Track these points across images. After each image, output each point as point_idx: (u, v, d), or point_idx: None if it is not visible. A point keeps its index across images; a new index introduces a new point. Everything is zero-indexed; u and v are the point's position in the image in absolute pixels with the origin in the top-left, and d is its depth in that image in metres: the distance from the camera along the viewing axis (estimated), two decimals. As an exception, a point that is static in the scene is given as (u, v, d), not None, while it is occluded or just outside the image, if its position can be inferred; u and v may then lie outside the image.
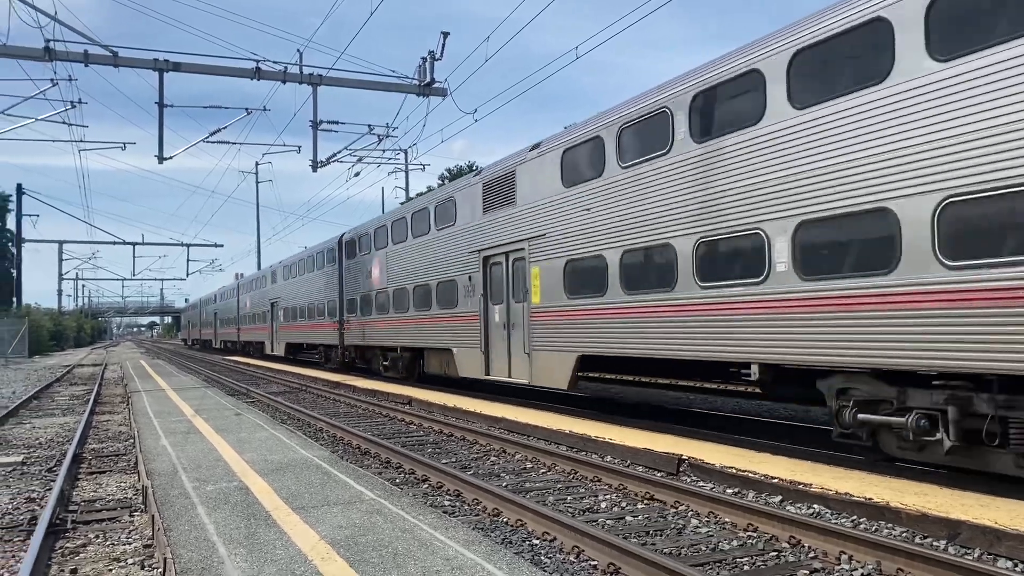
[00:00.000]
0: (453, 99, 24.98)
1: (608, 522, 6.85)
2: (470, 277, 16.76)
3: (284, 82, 24.02)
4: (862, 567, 5.50)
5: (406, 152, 43.72)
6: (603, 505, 7.51)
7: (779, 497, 7.38)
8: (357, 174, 47.55)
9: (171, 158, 23.78)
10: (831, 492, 7.02)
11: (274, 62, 23.47)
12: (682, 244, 10.38)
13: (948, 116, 7.13)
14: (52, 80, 22.47)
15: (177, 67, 21.97)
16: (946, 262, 7.10)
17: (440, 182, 46.89)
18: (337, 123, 28.03)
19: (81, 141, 30.15)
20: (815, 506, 7.00)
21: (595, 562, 5.69)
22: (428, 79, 25.00)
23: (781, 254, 8.87)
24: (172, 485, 7.61)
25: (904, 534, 6.14)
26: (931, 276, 7.23)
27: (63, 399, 20.49)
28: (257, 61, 23.13)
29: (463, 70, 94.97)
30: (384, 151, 33.66)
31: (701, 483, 8.16)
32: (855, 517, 6.61)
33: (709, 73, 10.04)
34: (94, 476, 9.37)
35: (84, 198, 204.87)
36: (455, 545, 5.25)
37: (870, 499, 6.65)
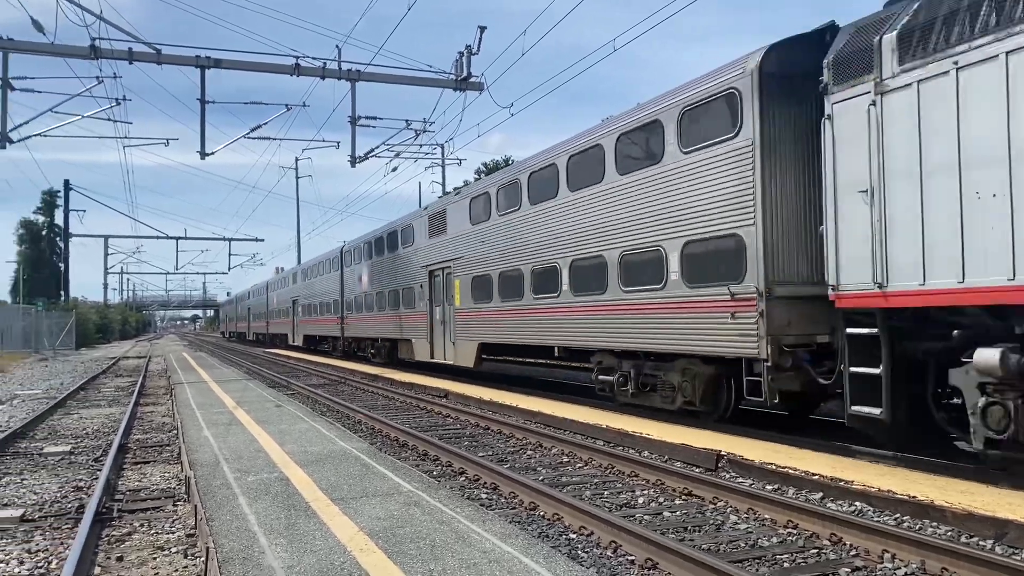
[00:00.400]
0: (490, 93, 24.97)
1: (646, 517, 6.82)
2: (421, 285, 22.24)
3: (323, 78, 24.21)
4: (905, 566, 5.41)
5: (443, 147, 43.83)
6: (640, 500, 7.48)
7: (820, 494, 7.29)
8: (395, 169, 47.84)
9: (213, 154, 24.11)
10: (873, 489, 6.91)
11: (313, 58, 23.65)
12: (525, 268, 15.80)
13: (686, 187, 11.05)
14: (98, 78, 22.89)
15: (218, 64, 22.26)
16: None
17: (476, 176, 46.92)
18: (375, 118, 28.17)
19: (126, 137, 30.74)
20: (857, 503, 6.90)
21: (632, 557, 5.67)
22: (465, 73, 25.02)
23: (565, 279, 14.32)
24: (214, 475, 7.73)
25: (949, 533, 6.02)
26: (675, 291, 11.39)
27: (109, 390, 20.94)
28: (296, 57, 23.34)
29: (500, 64, 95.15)
30: (421, 146, 33.72)
31: (740, 479, 8.08)
32: (898, 515, 6.50)
33: (571, 145, 14.31)
34: (139, 466, 9.56)
35: (129, 193, 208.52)
36: (492, 538, 5.26)
37: (914, 497, 6.53)
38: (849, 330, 8.31)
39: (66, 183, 64.82)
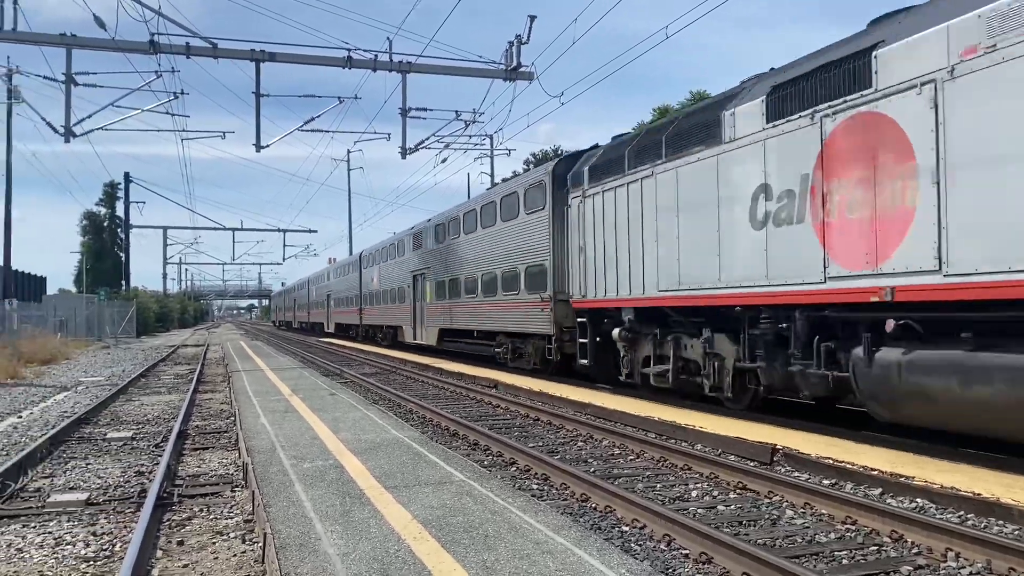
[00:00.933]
0: (540, 83, 24.81)
1: (699, 511, 6.75)
2: (408, 286, 29.50)
3: (374, 70, 24.36)
4: (970, 566, 5.26)
5: (491, 137, 43.90)
6: (694, 494, 7.40)
7: (879, 490, 7.13)
8: (444, 160, 47.99)
9: (268, 146, 24.47)
10: (936, 486, 6.73)
11: (365, 51, 23.84)
12: (460, 278, 23.32)
13: (526, 235, 18.47)
14: (157, 72, 23.36)
15: (273, 57, 22.56)
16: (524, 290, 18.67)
17: (525, 167, 46.86)
18: (425, 110, 28.31)
19: (184, 131, 31.38)
20: (918, 500, 6.73)
21: (687, 551, 5.62)
22: (515, 63, 24.95)
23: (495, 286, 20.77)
24: (271, 462, 7.87)
25: (1017, 532, 5.84)
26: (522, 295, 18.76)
27: (168, 378, 21.47)
28: (348, 50, 23.53)
29: (550, 53, 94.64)
30: (471, 137, 33.81)
31: (796, 473, 7.95)
32: (962, 513, 6.32)
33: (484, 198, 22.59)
34: (198, 452, 9.78)
35: (187, 185, 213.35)
36: (545, 529, 5.26)
37: (978, 494, 6.35)
38: (578, 319, 15.56)
39: (126, 176, 66.55)
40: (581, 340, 15.25)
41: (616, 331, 13.83)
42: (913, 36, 8.10)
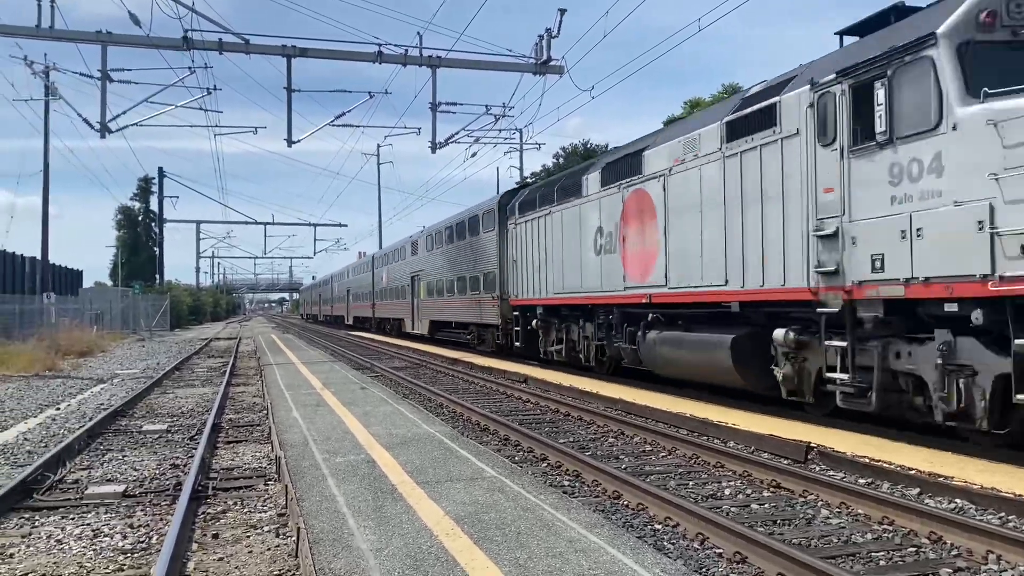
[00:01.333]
0: (570, 76, 24.80)
1: (733, 509, 6.69)
2: (407, 285, 34.52)
3: (404, 65, 24.40)
4: (1012, 568, 5.15)
5: (521, 132, 43.84)
6: (727, 492, 7.33)
7: (917, 489, 7.01)
8: (474, 154, 47.99)
9: (299, 141, 24.61)
10: (975, 486, 6.61)
11: (395, 45, 23.88)
12: (443, 279, 28.60)
13: (484, 248, 23.95)
14: (190, 68, 23.55)
15: (304, 52, 22.66)
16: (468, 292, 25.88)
17: (555, 160, 46.79)
18: (455, 104, 28.32)
19: (216, 126, 31.75)
20: (957, 500, 6.60)
21: (720, 550, 5.56)
22: (545, 57, 24.84)
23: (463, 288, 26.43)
24: (303, 456, 7.93)
25: (1060, 535, 5.70)
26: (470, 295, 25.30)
27: (202, 371, 21.74)
28: (379, 45, 23.59)
29: (580, 46, 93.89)
30: (500, 131, 33.78)
31: (831, 472, 7.84)
32: (1003, 514, 6.19)
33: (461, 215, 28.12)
34: (231, 445, 9.89)
35: (219, 180, 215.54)
36: (577, 527, 5.24)
37: (1020, 495, 6.21)
38: (515, 313, 20.47)
39: (160, 171, 67.40)
40: (516, 329, 20.66)
41: (534, 322, 19.33)
42: (657, 148, 13.36)
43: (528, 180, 42.07)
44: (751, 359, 10.91)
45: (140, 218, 72.40)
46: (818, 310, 9.39)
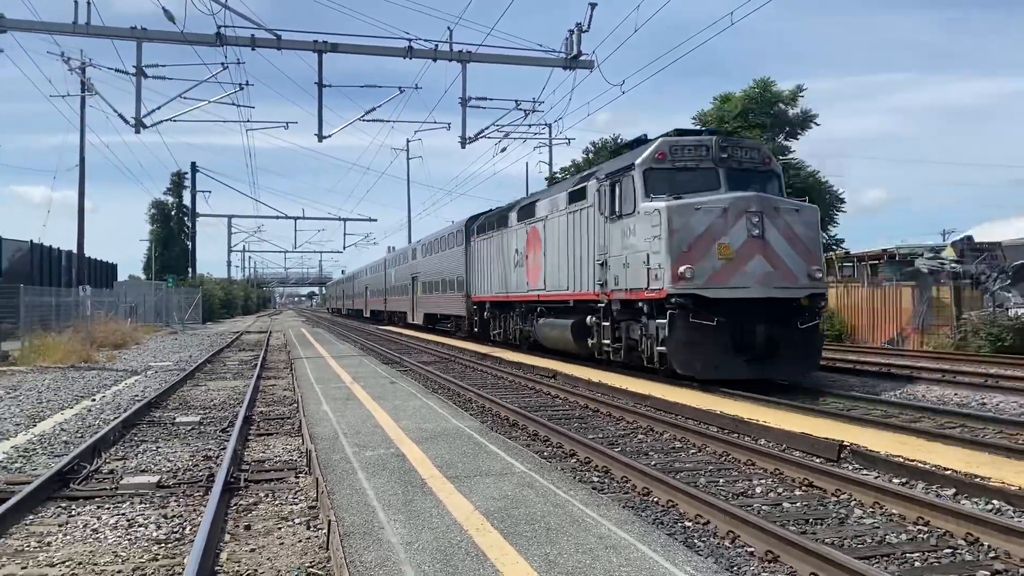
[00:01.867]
0: (600, 71, 24.63)
1: (764, 508, 6.62)
2: (410, 284, 40.64)
3: (435, 60, 24.41)
4: (1052, 572, 5.05)
5: (550, 127, 43.77)
6: (758, 490, 7.27)
7: (952, 490, 6.90)
8: (503, 150, 48.02)
9: (329, 136, 24.76)
10: (1013, 487, 6.49)
11: (425, 40, 23.91)
12: (436, 279, 34.50)
13: (458, 257, 30.41)
14: (223, 64, 23.77)
15: (335, 48, 22.77)
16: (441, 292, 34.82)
17: (585, 156, 46.61)
18: (485, 99, 28.31)
19: (248, 121, 32.14)
20: (995, 502, 6.49)
21: (752, 548, 5.51)
22: (575, 52, 24.74)
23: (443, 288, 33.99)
24: (333, 449, 7.98)
25: (1101, 538, 5.58)
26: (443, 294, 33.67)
27: (233, 364, 21.98)
28: (409, 40, 23.64)
29: (611, 41, 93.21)
30: (530, 126, 33.79)
31: (864, 471, 7.74)
32: (1042, 516, 6.07)
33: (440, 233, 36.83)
34: (262, 438, 9.98)
35: (251, 175, 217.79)
36: (607, 523, 5.22)
37: (1060, 498, 6.09)
38: (473, 306, 27.58)
39: (193, 165, 68.10)
40: (476, 318, 27.66)
41: (484, 313, 26.35)
42: (542, 201, 20.16)
43: (556, 175, 43.04)
44: (580, 334, 17.56)
45: (173, 212, 73.22)
46: (598, 305, 16.38)
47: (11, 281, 24.89)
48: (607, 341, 16.02)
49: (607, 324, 15.91)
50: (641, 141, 16.24)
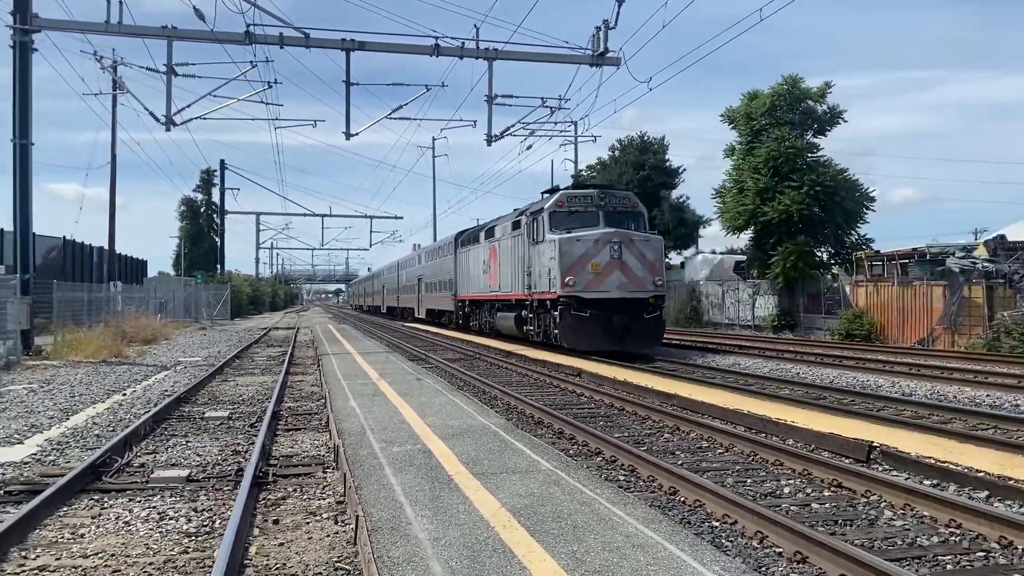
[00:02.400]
0: (627, 68, 24.54)
1: (792, 508, 6.57)
2: (416, 284, 46.21)
3: (461, 58, 24.48)
4: (1088, 577, 4.96)
5: (576, 124, 43.71)
6: (786, 490, 7.21)
7: (985, 492, 6.81)
8: (529, 147, 48.03)
9: (357, 134, 24.91)
10: (1048, 491, 6.38)
11: (452, 38, 23.97)
12: (438, 280, 40.09)
13: (448, 263, 36.91)
14: (251, 62, 24.02)
15: (362, 46, 22.89)
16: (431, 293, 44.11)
17: (610, 153, 46.54)
18: (511, 96, 28.32)
19: (276, 119, 32.45)
20: (1029, 505, 6.39)
21: (780, 549, 5.47)
22: (602, 49, 24.68)
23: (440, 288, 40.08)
24: (361, 445, 8.03)
25: None
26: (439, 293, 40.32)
27: (261, 359, 22.18)
28: (436, 38, 23.72)
29: (638, 37, 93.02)
30: (556, 123, 33.71)
31: (895, 473, 7.65)
32: (1078, 520, 5.95)
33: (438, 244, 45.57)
34: (290, 433, 10.07)
35: (279, 172, 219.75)
36: (634, 522, 5.20)
37: (1097, 502, 5.98)
38: (459, 303, 34.07)
39: (222, 163, 68.88)
40: (461, 313, 33.51)
41: (465, 309, 32.51)
42: (498, 226, 27.09)
43: (582, 172, 43.20)
44: (519, 323, 24.04)
45: (202, 209, 74.00)
46: (527, 302, 22.69)
47: (44, 277, 25.29)
48: (532, 328, 22.98)
49: (531, 316, 22.95)
50: (554, 191, 23.74)
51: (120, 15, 21.31)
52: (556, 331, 20.61)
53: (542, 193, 26.09)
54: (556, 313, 20.50)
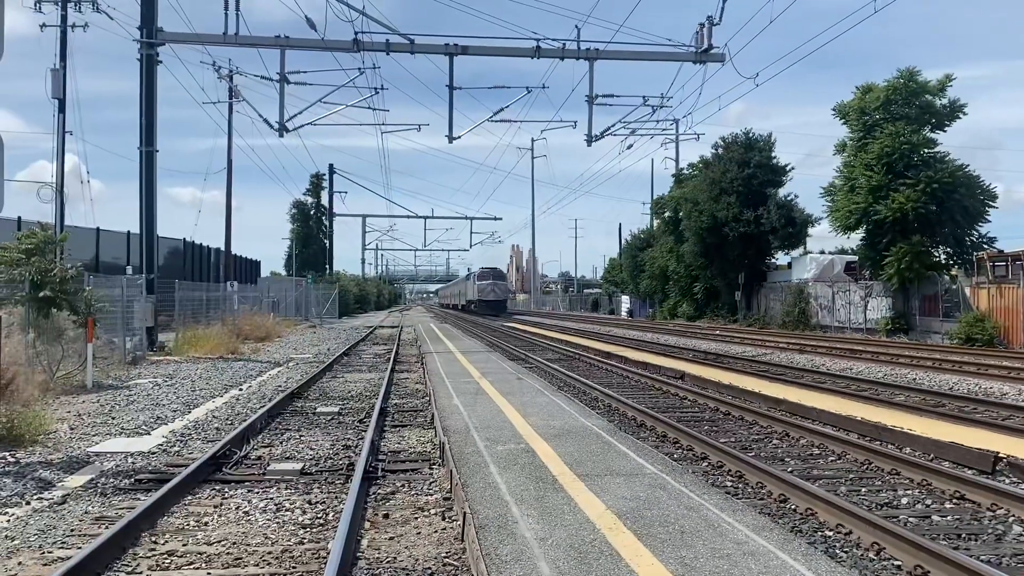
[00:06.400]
0: (733, 64, 24.10)
1: (911, 519, 6.30)
2: (459, 293, 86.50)
3: (562, 59, 24.52)
4: None
5: (677, 122, 43.07)
6: (904, 501, 6.92)
7: None
8: (630, 147, 47.65)
9: (459, 137, 25.29)
10: None
11: (553, 40, 24.03)
12: (460, 293, 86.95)
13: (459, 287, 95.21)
14: (360, 69, 24.74)
15: (465, 50, 23.23)
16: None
17: (713, 151, 45.58)
18: (612, 96, 28.15)
19: (383, 124, 33.31)
20: None
21: (899, 562, 5.25)
22: (706, 45, 24.26)
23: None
24: (466, 443, 8.16)
25: None
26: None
27: (368, 357, 22.80)
28: (537, 40, 23.82)
29: (744, 33, 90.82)
30: (657, 122, 33.30)
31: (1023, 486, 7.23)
32: None
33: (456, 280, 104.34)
34: (397, 429, 10.31)
35: (384, 176, 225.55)
36: (744, 529, 5.10)
37: None
38: (464, 302, 78.14)
39: (331, 167, 71.28)
40: (463, 305, 75.43)
41: (464, 303, 75.10)
42: (464, 278, 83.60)
43: (683, 171, 42.43)
44: (467, 310, 71.75)
45: (312, 212, 76.56)
46: (470, 300, 71.20)
47: (166, 277, 26.72)
48: (471, 310, 68.32)
49: (471, 303, 69.28)
50: (493, 269, 70.52)
51: (237, 27, 22.32)
52: (474, 308, 66.52)
53: (468, 270, 73.57)
54: (475, 303, 66.31)
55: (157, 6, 22.36)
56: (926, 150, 31.36)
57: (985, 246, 31.59)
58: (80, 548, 5.31)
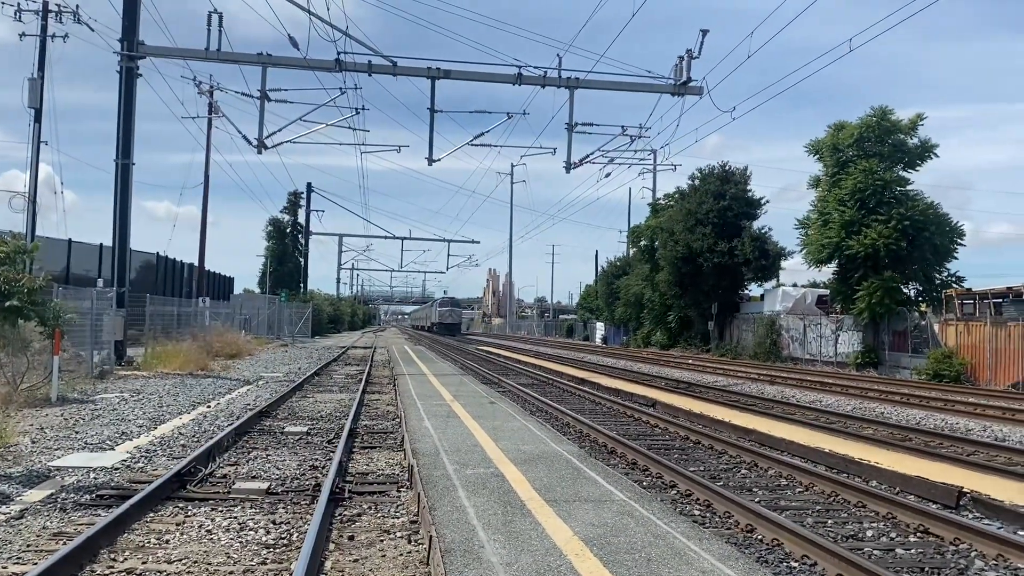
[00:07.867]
0: (711, 97, 24.37)
1: (876, 552, 6.34)
2: (426, 315, 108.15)
3: (543, 86, 24.76)
4: None
5: (655, 153, 43.61)
6: (869, 533, 6.96)
7: (1086, 547, 6.43)
8: (608, 175, 48.09)
9: (439, 160, 25.36)
10: None
11: (535, 67, 24.27)
12: (428, 316, 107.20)
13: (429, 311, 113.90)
14: (341, 89, 24.79)
15: (447, 74, 23.37)
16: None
17: (690, 182, 46.06)
18: (591, 124, 28.43)
19: (363, 145, 33.27)
20: None
21: (862, 594, 5.28)
22: (684, 78, 24.62)
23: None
24: (435, 466, 8.11)
25: None
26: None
27: (339, 377, 22.62)
28: (519, 67, 24.05)
29: (723, 67, 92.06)
30: (635, 152, 33.71)
31: (986, 521, 7.31)
32: None
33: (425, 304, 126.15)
34: (366, 451, 10.23)
35: (363, 196, 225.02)
36: (710, 558, 5.11)
37: None
38: (428, 324, 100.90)
39: (309, 186, 71.13)
40: (427, 327, 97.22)
41: (428, 325, 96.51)
42: (430, 303, 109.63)
43: (659, 201, 43.10)
44: (432, 330, 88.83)
45: (288, 230, 76.17)
46: (433, 322, 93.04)
47: (137, 290, 26.43)
48: (433, 331, 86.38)
49: (432, 326, 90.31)
50: (452, 299, 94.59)
51: (219, 42, 22.31)
52: (435, 329, 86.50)
53: (444, 292, 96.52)
54: (436, 325, 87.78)
55: (139, 19, 22.32)
56: (898, 188, 31.89)
57: (953, 284, 32.10)
58: (36, 564, 5.20)
